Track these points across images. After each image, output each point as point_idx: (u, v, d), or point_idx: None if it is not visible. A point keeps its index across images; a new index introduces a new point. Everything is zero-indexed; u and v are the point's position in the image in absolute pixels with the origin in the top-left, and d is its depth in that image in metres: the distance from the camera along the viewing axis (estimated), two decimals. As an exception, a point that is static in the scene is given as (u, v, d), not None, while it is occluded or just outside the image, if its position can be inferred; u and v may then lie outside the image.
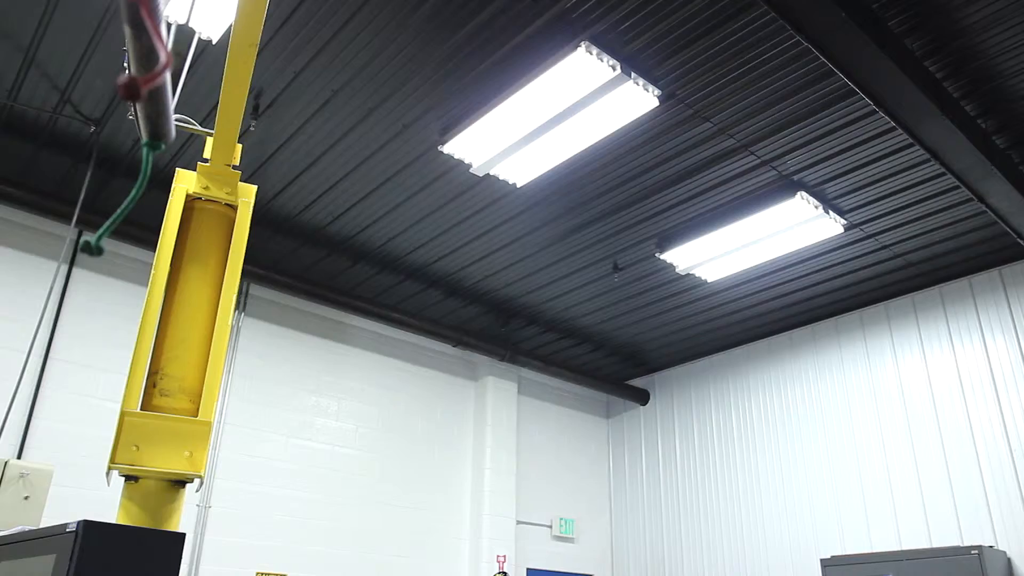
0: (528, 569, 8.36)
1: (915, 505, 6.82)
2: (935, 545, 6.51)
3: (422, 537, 7.67)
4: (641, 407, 9.52)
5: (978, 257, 6.74)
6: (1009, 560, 6.18)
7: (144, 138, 1.27)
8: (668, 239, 6.51)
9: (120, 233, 6.14)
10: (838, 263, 6.86)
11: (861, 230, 6.32)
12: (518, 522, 8.32)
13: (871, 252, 6.67)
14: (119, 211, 1.07)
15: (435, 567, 7.65)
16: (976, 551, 5.90)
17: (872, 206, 6.01)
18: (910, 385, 7.16)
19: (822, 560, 6.72)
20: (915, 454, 6.95)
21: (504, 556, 7.90)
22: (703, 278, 7.04)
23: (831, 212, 5.99)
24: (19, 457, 5.46)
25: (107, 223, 1.09)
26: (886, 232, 6.36)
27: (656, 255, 6.67)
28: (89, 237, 1.05)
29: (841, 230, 6.19)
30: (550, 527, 8.76)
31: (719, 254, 6.51)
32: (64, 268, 6.17)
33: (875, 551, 6.72)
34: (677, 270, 6.81)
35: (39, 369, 5.85)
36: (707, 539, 8.38)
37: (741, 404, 8.51)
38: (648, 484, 9.16)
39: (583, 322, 8.19)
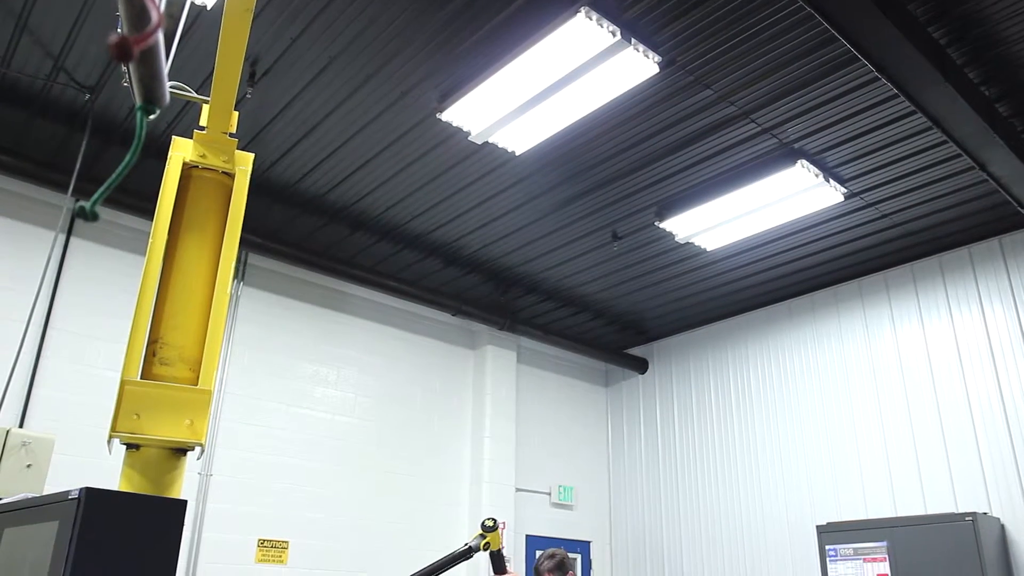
0: (527, 536, 8.45)
1: (911, 473, 6.88)
2: (930, 512, 6.58)
3: (422, 504, 7.74)
4: (640, 375, 9.56)
5: (978, 226, 6.72)
6: (1003, 527, 6.25)
7: (138, 102, 1.25)
8: (668, 207, 6.48)
9: (117, 202, 6.11)
10: (838, 232, 6.84)
11: (861, 199, 6.30)
12: (517, 489, 8.39)
13: (871, 221, 6.65)
14: (114, 175, 1.06)
15: (435, 534, 7.73)
16: (970, 518, 5.96)
17: (873, 175, 5.98)
18: (908, 354, 7.18)
19: (818, 526, 6.79)
20: (912, 422, 6.99)
21: (504, 523, 7.97)
22: (702, 247, 7.02)
23: (831, 180, 5.96)
24: (21, 426, 5.48)
25: (102, 187, 1.07)
26: (886, 201, 6.33)
27: (655, 224, 6.65)
28: (84, 203, 1.04)
29: (841, 199, 6.17)
30: (549, 494, 8.84)
31: (719, 223, 6.49)
32: (62, 238, 6.15)
33: (871, 518, 6.79)
34: (676, 239, 6.80)
35: (39, 339, 5.86)
36: (704, 506, 8.46)
37: (739, 373, 8.54)
38: (646, 452, 9.22)
39: (582, 291, 8.19)
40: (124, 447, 2.90)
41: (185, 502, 2.62)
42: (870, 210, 6.47)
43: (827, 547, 6.60)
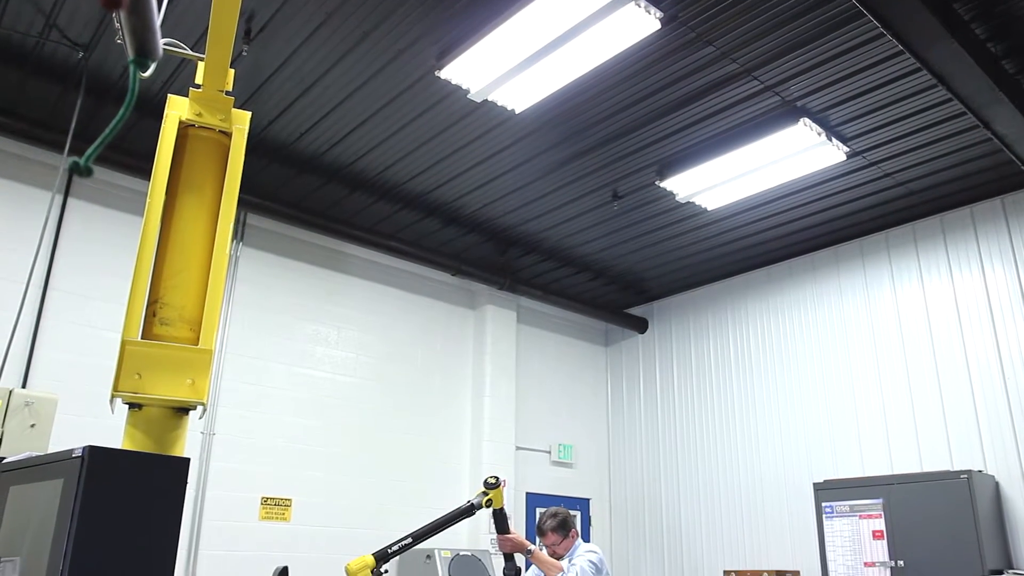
0: (527, 493, 8.55)
1: (908, 432, 6.94)
2: (926, 470, 6.65)
3: (423, 463, 7.83)
4: (639, 335, 9.59)
5: (981, 186, 6.69)
6: (997, 484, 6.33)
7: (130, 55, 1.23)
8: (668, 166, 6.44)
9: (114, 162, 6.07)
10: (839, 191, 6.81)
11: (864, 157, 6.25)
12: (517, 448, 8.48)
13: (873, 180, 6.61)
14: (108, 129, 1.05)
15: (436, 492, 7.82)
16: (966, 475, 6.03)
17: (875, 133, 5.93)
18: (907, 313, 7.19)
19: (815, 484, 6.87)
20: (910, 381, 7.03)
21: (504, 480, 8.06)
22: (703, 206, 6.99)
23: (833, 139, 5.92)
24: (23, 387, 5.52)
25: (96, 142, 1.06)
26: (889, 160, 6.29)
27: (656, 183, 6.61)
28: (78, 159, 1.03)
29: (843, 157, 6.13)
30: (549, 453, 8.93)
31: (720, 182, 6.46)
32: (59, 198, 6.11)
33: (867, 476, 6.87)
34: (677, 198, 6.77)
35: (39, 300, 5.87)
36: (703, 464, 8.55)
37: (739, 332, 8.57)
38: (645, 411, 9.30)
39: (582, 250, 8.18)
40: (127, 407, 2.92)
41: (188, 460, 2.64)
42: (872, 169, 6.43)
43: (823, 504, 6.69)
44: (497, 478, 4.19)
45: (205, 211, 3.16)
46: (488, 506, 4.17)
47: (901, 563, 6.13)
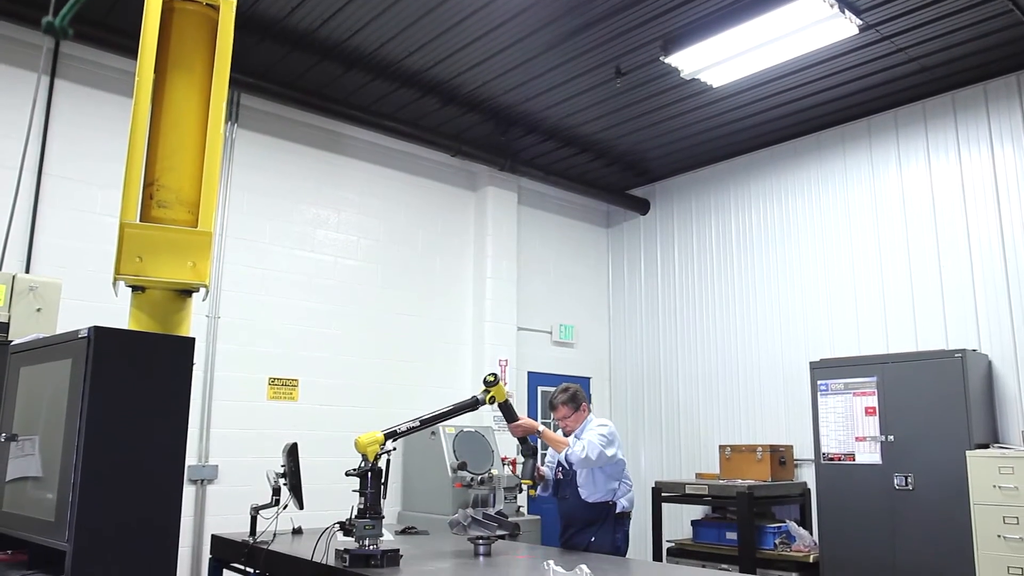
0: (529, 373, 8.75)
1: (906, 312, 7.01)
2: (921, 349, 6.76)
3: (426, 343, 7.96)
4: (641, 216, 9.56)
5: (996, 62, 6.48)
6: (990, 362, 6.45)
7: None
8: (674, 41, 6.21)
9: (100, 41, 5.86)
10: (850, 67, 6.61)
11: (877, 31, 6.03)
12: (519, 328, 8.60)
13: (885, 55, 6.40)
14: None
15: (439, 371, 8.00)
16: (960, 354, 6.14)
17: (889, 5, 5.69)
18: (912, 194, 7.13)
19: (811, 363, 7.01)
20: (910, 262, 7.05)
21: (506, 360, 8.24)
22: (709, 83, 6.80)
23: (846, 12, 5.68)
24: (27, 273, 5.53)
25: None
26: (903, 34, 6.06)
27: (661, 58, 6.40)
28: (52, 19, 0.98)
29: (856, 31, 5.90)
30: (550, 333, 9.07)
31: (727, 57, 6.24)
32: (46, 80, 5.94)
33: (863, 355, 7.00)
34: (682, 74, 6.57)
35: (34, 186, 5.80)
36: (701, 344, 8.70)
37: (741, 213, 8.53)
38: (646, 292, 9.38)
39: (584, 130, 8.03)
40: (130, 290, 2.93)
41: (193, 339, 2.67)
42: (885, 44, 6.21)
43: (819, 382, 6.85)
44: (496, 375, 4.32)
45: (196, 90, 3.07)
46: (492, 402, 4.31)
47: (891, 438, 6.33)
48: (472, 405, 4.25)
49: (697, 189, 9.00)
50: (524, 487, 4.59)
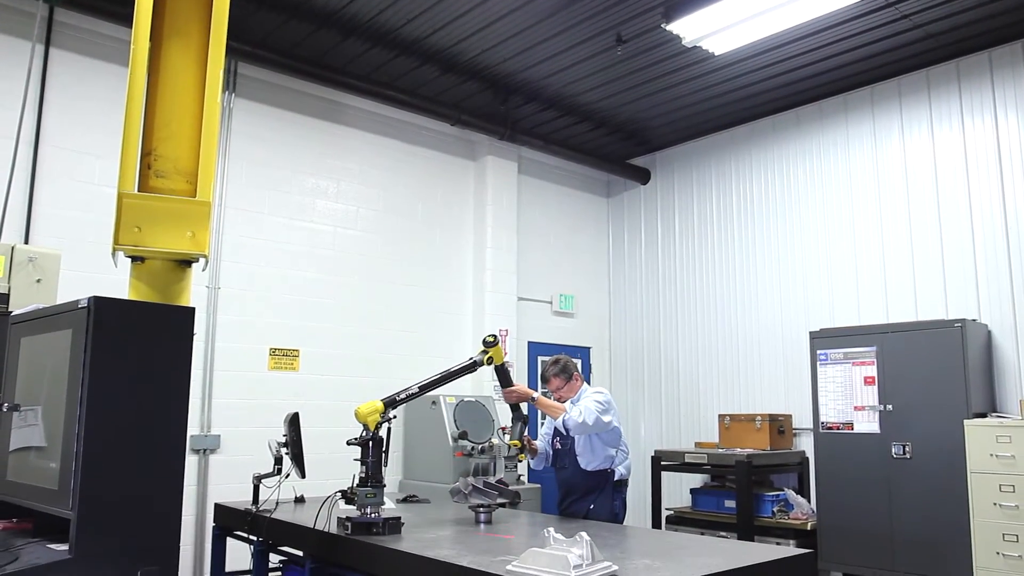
0: (529, 342, 8.77)
1: (906, 281, 7.01)
2: (921, 319, 6.77)
3: (426, 313, 7.97)
4: (642, 186, 9.51)
5: (1002, 28, 6.41)
6: (989, 332, 6.46)
7: None
8: (676, 7, 6.14)
9: (96, 9, 5.80)
10: (854, 34, 6.53)
11: (881, -3, 5.95)
12: (519, 299, 8.60)
13: (890, 22, 6.33)
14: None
15: (440, 341, 8.01)
16: (959, 324, 6.14)
17: (896, -30, 5.61)
18: (914, 163, 7.09)
19: (811, 332, 7.01)
20: (911, 232, 7.03)
21: (506, 330, 8.25)
22: (711, 51, 6.73)
23: (852, -23, 5.60)
24: (26, 244, 5.52)
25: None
26: (907, 0, 5.99)
27: (662, 25, 6.33)
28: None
29: (860, -3, 5.83)
30: (550, 303, 9.07)
31: (729, 24, 6.17)
32: (40, 49, 5.87)
33: (863, 324, 7.00)
34: (684, 42, 6.50)
35: (32, 156, 5.76)
36: (701, 314, 8.70)
37: (742, 183, 8.49)
38: (646, 262, 9.37)
39: (584, 99, 7.96)
40: (129, 261, 2.93)
41: (193, 308, 2.67)
42: (890, 10, 6.14)
43: (818, 352, 6.86)
44: (495, 336, 4.30)
45: (192, 59, 3.04)
46: (489, 364, 4.31)
47: (890, 407, 6.36)
48: (470, 367, 4.25)
49: (698, 158, 8.94)
50: (523, 459, 4.60)
